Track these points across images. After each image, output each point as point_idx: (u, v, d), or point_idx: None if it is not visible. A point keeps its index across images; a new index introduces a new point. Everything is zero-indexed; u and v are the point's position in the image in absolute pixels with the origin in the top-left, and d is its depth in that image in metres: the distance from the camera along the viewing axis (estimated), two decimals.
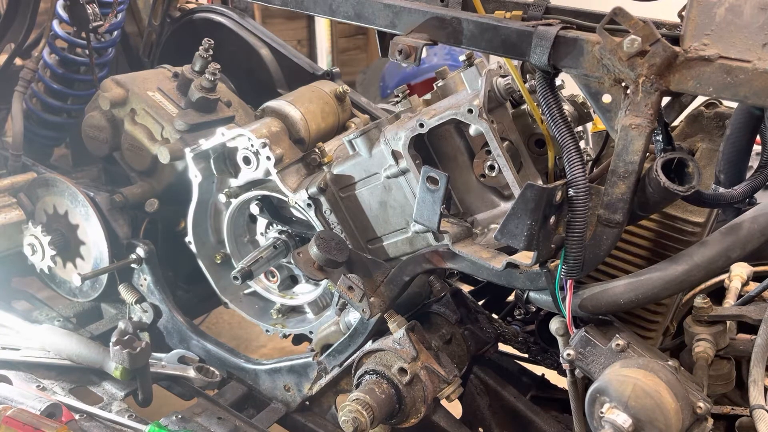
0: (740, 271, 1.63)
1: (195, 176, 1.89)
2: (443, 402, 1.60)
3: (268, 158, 1.73)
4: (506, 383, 1.78)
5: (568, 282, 1.27)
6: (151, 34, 2.76)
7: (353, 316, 1.72)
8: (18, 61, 2.47)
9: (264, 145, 1.73)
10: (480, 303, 1.95)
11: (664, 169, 1.15)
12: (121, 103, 2.14)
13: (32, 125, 2.46)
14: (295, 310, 2.02)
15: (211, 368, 1.97)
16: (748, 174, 1.35)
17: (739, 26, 1.10)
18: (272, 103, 1.95)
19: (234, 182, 1.87)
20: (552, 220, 1.21)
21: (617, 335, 1.29)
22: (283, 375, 1.87)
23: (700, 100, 1.35)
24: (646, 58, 1.11)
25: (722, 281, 1.64)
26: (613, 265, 1.45)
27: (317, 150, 1.75)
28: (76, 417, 1.65)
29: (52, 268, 2.18)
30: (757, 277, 1.64)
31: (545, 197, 1.14)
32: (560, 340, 1.39)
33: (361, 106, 2.29)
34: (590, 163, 1.60)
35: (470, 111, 1.39)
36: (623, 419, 1.18)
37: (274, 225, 1.88)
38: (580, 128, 1.70)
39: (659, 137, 1.25)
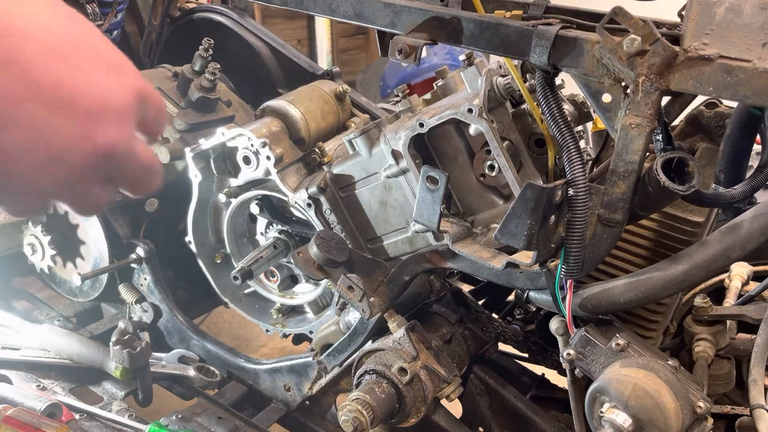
0: (740, 270, 1.63)
1: (195, 176, 1.89)
2: (443, 402, 1.60)
3: (268, 158, 1.73)
4: (506, 383, 1.78)
5: (568, 281, 1.27)
6: (151, 33, 2.76)
7: (353, 316, 1.72)
8: None
9: (264, 145, 1.73)
10: (480, 302, 1.95)
11: (664, 169, 1.15)
12: None
13: None
14: (295, 310, 2.02)
15: (211, 368, 1.97)
16: (748, 174, 1.35)
17: (739, 26, 1.10)
18: (272, 103, 1.95)
19: (234, 182, 1.87)
20: (552, 219, 1.21)
21: (617, 335, 1.29)
22: (283, 375, 1.87)
23: (700, 99, 1.35)
24: (645, 58, 1.11)
25: (722, 281, 1.64)
26: (613, 264, 1.45)
27: (317, 150, 1.75)
28: (77, 417, 1.65)
29: (52, 268, 2.18)
30: (757, 277, 1.64)
31: (545, 197, 1.14)
32: (560, 340, 1.39)
33: (361, 105, 2.29)
34: (590, 163, 1.60)
35: (470, 111, 1.39)
36: (623, 419, 1.18)
37: (274, 225, 1.88)
38: (580, 128, 1.70)
39: (659, 137, 1.25)
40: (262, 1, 1.73)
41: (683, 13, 1.18)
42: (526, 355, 1.91)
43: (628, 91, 1.16)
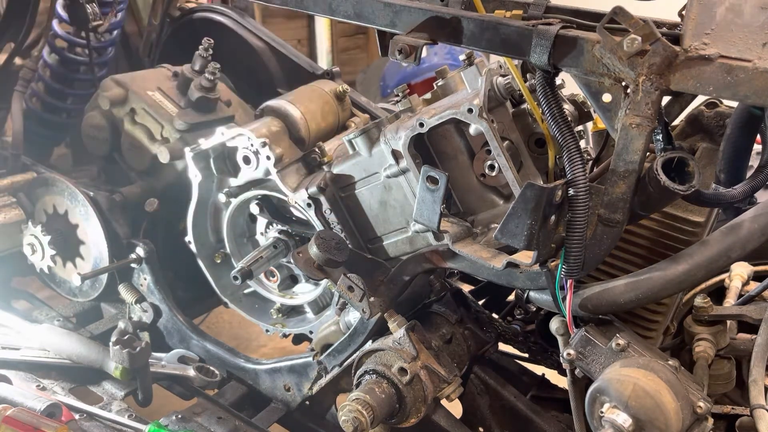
0: (740, 270, 1.63)
1: (195, 176, 1.88)
2: (443, 402, 1.60)
3: (268, 158, 1.73)
4: (506, 383, 1.78)
5: (568, 281, 1.27)
6: (151, 33, 2.76)
7: (353, 316, 1.72)
8: (18, 61, 2.47)
9: (264, 145, 1.72)
10: (480, 302, 1.95)
11: (665, 169, 1.15)
12: (120, 103, 2.14)
13: (32, 125, 2.46)
14: (295, 310, 2.02)
15: (211, 368, 1.96)
16: (749, 174, 1.35)
17: (739, 25, 1.10)
18: (272, 103, 1.95)
19: (234, 182, 1.87)
20: (552, 219, 1.21)
21: (617, 335, 1.29)
22: (283, 375, 1.87)
23: (701, 99, 1.35)
24: (646, 58, 1.11)
25: (722, 281, 1.64)
26: (613, 264, 1.45)
27: (317, 149, 1.75)
28: (76, 417, 1.65)
29: (51, 268, 2.17)
30: (757, 277, 1.64)
31: (545, 197, 1.14)
32: (560, 340, 1.38)
33: (361, 105, 2.29)
34: (590, 163, 1.60)
35: (470, 110, 1.39)
36: (623, 419, 1.18)
37: (274, 224, 1.88)
38: (580, 127, 1.70)
39: (659, 136, 1.25)
40: (262, 1, 1.73)
41: (683, 13, 1.18)
42: (526, 355, 1.91)
43: (629, 90, 1.16)
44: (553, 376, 1.91)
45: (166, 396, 1.94)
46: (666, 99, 1.23)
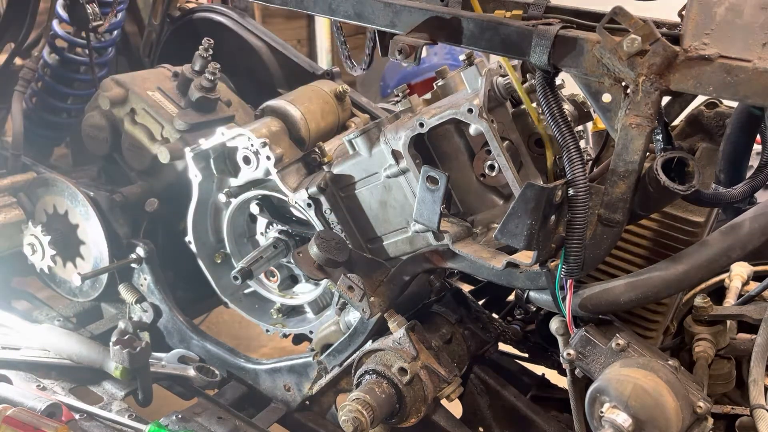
0: (740, 270, 1.63)
1: (195, 176, 1.88)
2: (443, 401, 1.60)
3: (268, 158, 1.73)
4: (506, 383, 1.78)
5: (568, 281, 1.27)
6: (151, 33, 2.76)
7: (353, 316, 1.72)
8: (18, 61, 2.47)
9: (264, 145, 1.72)
10: (480, 302, 1.95)
11: (664, 169, 1.15)
12: (120, 103, 2.14)
13: (32, 125, 2.46)
14: (295, 310, 2.02)
15: (211, 368, 1.96)
16: (749, 174, 1.35)
17: (739, 25, 1.10)
18: (272, 103, 1.95)
19: (234, 182, 1.87)
20: (552, 219, 1.21)
21: (617, 335, 1.29)
22: (283, 375, 1.87)
23: (701, 99, 1.35)
24: (645, 58, 1.11)
25: (722, 281, 1.64)
26: (614, 264, 1.45)
27: (317, 149, 1.75)
28: (76, 417, 1.65)
29: (52, 268, 2.17)
30: (757, 277, 1.64)
31: (545, 197, 1.14)
32: (560, 340, 1.38)
33: (361, 105, 2.29)
34: (590, 163, 1.60)
35: (470, 110, 1.39)
36: (623, 419, 1.18)
37: (274, 225, 1.88)
38: (580, 128, 1.70)
39: (659, 136, 1.25)
40: (262, 1, 1.73)
41: (683, 13, 1.18)
42: (526, 355, 1.91)
43: (628, 91, 1.16)
44: (553, 376, 1.91)
45: (166, 396, 1.94)
46: (666, 99, 1.23)
